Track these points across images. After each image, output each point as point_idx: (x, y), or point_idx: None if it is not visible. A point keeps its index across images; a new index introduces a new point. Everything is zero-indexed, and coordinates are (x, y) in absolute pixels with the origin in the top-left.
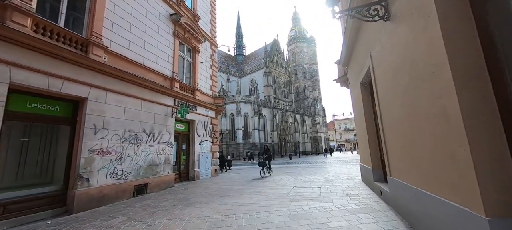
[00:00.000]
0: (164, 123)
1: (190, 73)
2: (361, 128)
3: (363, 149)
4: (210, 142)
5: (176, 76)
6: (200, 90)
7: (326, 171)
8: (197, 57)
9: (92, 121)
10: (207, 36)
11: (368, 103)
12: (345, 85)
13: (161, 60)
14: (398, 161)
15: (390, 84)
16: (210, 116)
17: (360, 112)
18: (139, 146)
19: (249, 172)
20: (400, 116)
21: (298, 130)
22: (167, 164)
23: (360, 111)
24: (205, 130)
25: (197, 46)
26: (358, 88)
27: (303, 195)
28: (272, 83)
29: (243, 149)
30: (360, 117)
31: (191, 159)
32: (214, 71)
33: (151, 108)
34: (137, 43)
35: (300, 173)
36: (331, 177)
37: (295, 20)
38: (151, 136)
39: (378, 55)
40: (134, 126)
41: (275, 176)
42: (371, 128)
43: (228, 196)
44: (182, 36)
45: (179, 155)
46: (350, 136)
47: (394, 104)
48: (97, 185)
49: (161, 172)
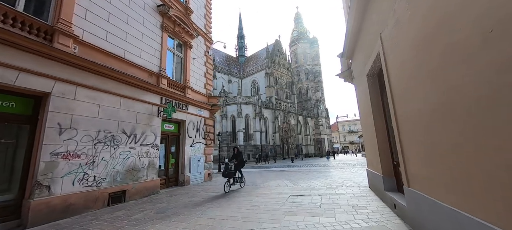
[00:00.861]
0: (148, 122)
1: (181, 69)
2: (368, 127)
3: (371, 151)
4: (203, 143)
5: (164, 72)
6: (192, 88)
7: (329, 176)
8: (189, 53)
9: (57, 120)
10: (201, 32)
11: (376, 97)
12: (349, 80)
13: (146, 54)
14: (421, 168)
15: (409, 67)
16: (203, 116)
17: (366, 109)
18: (117, 148)
19: (247, 176)
20: (426, 107)
21: (300, 132)
22: (152, 168)
23: (367, 107)
24: (198, 131)
25: (189, 42)
26: (364, 81)
27: (300, 207)
28: (274, 84)
29: (244, 151)
30: (367, 115)
31: (181, 163)
32: (208, 68)
33: (133, 107)
34: (117, 34)
35: (301, 177)
36: (334, 183)
37: (298, 20)
38: (132, 137)
39: (391, 34)
40: (111, 125)
41: (272, 181)
42: (381, 126)
43: (213, 207)
44: (172, 30)
45: (167, 158)
46: (354, 138)
47: (416, 93)
48: (61, 193)
49: (144, 177)
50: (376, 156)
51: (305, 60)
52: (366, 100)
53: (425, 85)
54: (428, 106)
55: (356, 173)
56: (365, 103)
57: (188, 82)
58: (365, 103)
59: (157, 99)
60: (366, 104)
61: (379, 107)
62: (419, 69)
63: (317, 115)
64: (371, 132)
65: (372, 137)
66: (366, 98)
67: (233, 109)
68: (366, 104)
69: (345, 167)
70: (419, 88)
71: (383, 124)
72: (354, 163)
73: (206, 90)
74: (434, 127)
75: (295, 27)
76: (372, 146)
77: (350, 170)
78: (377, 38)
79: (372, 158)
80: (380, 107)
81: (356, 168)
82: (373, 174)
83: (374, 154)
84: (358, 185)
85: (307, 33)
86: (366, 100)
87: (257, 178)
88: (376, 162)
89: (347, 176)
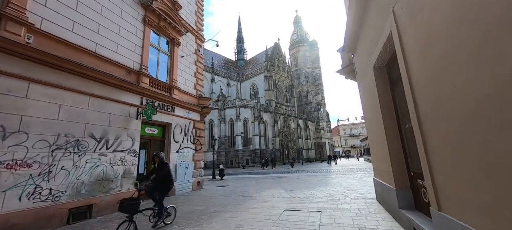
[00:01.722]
0: (125, 125)
1: (168, 68)
2: (376, 129)
3: (379, 158)
4: (192, 149)
5: (145, 70)
6: (180, 89)
7: (330, 184)
8: (176, 50)
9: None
10: (191, 29)
11: (385, 92)
12: (351, 77)
13: (123, 49)
14: (461, 186)
15: (443, 41)
16: (192, 119)
17: (373, 107)
18: (83, 155)
19: (241, 183)
20: (474, 98)
21: (301, 136)
22: (128, 178)
23: (374, 106)
24: (186, 135)
25: (176, 38)
26: (369, 75)
27: (294, 228)
28: (273, 87)
29: (243, 156)
30: (374, 114)
31: None
32: (199, 68)
33: (105, 107)
34: (87, 25)
35: (299, 186)
36: (336, 194)
37: (297, 24)
38: (104, 142)
39: (410, 6)
40: (75, 129)
41: (265, 190)
42: (392, 128)
43: (191, 225)
44: (156, 25)
45: (148, 165)
46: (355, 142)
47: (455, 77)
48: (1, 212)
49: (117, 188)
50: (386, 164)
51: (305, 63)
52: (372, 97)
53: (477, 64)
54: (476, 96)
55: (360, 180)
56: (371, 101)
57: (175, 82)
58: (371, 101)
59: (136, 100)
60: (373, 102)
61: (389, 104)
62: (456, 48)
63: (318, 119)
64: (379, 135)
65: (381, 141)
66: (373, 94)
67: (231, 113)
68: (373, 102)
69: (347, 173)
70: (461, 69)
71: (394, 125)
72: (356, 168)
73: (197, 91)
74: (487, 126)
75: (294, 30)
76: (380, 151)
77: (353, 176)
78: (388, 14)
79: (380, 166)
80: (390, 104)
81: (359, 174)
82: (382, 186)
83: (383, 161)
84: (363, 197)
85: (306, 36)
86: (373, 97)
87: (250, 186)
88: (386, 172)
89: (350, 185)
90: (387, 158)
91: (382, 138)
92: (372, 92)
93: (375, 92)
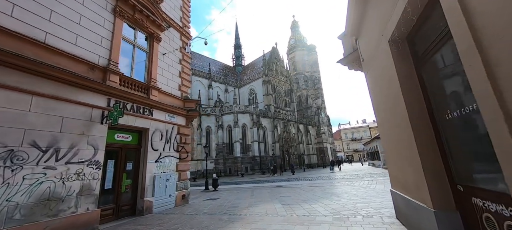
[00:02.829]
0: (84, 131)
1: (146, 66)
2: (394, 123)
3: (400, 163)
4: (175, 158)
5: (115, 66)
6: (160, 89)
7: (335, 194)
8: (156, 47)
9: None
10: (175, 24)
11: (408, 72)
12: (356, 66)
13: (85, 42)
14: None
15: None
16: (176, 123)
17: (389, 95)
18: (18, 169)
19: (234, 196)
20: None
21: (302, 141)
22: (87, 195)
23: (390, 93)
24: (168, 142)
25: (156, 33)
26: (383, 54)
27: None
28: (272, 92)
29: (242, 163)
30: (391, 104)
31: (141, 184)
32: (185, 67)
33: (57, 109)
34: (33, 10)
35: (299, 198)
36: (344, 209)
37: (294, 28)
38: (52, 152)
39: None
40: (9, 136)
41: (259, 205)
42: (421, 120)
43: None
44: (131, 17)
45: (118, 179)
46: (358, 146)
47: None
48: None
49: (70, 209)
50: (413, 173)
51: (303, 67)
52: (387, 84)
53: None
54: None
55: (367, 188)
56: (385, 89)
57: (154, 81)
58: (386, 88)
59: (101, 101)
60: (389, 90)
61: (414, 89)
62: None
63: (319, 123)
64: (400, 132)
65: (403, 141)
66: (388, 80)
67: (229, 119)
68: (389, 90)
69: (352, 179)
70: None
71: (425, 117)
72: (362, 174)
73: (182, 93)
74: None
75: (292, 35)
76: (401, 155)
77: (359, 184)
78: None
79: (402, 175)
80: (416, 89)
81: (366, 180)
82: (407, 202)
83: (407, 168)
84: (378, 214)
85: (304, 41)
86: (388, 84)
87: (243, 199)
88: (414, 183)
89: (359, 195)
90: (415, 164)
91: (405, 136)
92: (387, 77)
93: (392, 76)
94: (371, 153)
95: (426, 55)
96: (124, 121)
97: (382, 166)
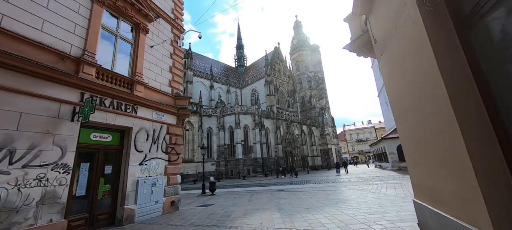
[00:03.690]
0: (49, 129)
1: (130, 59)
2: (421, 114)
3: (430, 166)
4: (164, 160)
5: (91, 57)
6: (146, 85)
7: (342, 201)
8: (143, 38)
9: None
10: (165, 15)
11: (449, 42)
12: (366, 50)
13: (54, 28)
14: None
15: None
16: (165, 122)
17: (416, 77)
18: None
19: (230, 201)
20: None
21: (305, 142)
22: (50, 204)
23: (421, 73)
24: (155, 143)
25: (143, 24)
26: (411, 20)
27: None
28: (274, 92)
29: (244, 165)
30: (420, 88)
31: (121, 189)
32: (177, 62)
33: (12, 104)
34: None
35: (301, 205)
36: (353, 221)
37: (297, 28)
38: (5, 153)
39: None
40: None
41: (254, 215)
42: (472, 107)
43: None
44: (112, 4)
45: (93, 184)
46: (363, 147)
47: None
48: None
49: (27, 220)
50: (459, 181)
51: (306, 67)
52: (414, 63)
53: None
54: None
55: (377, 193)
56: (410, 70)
57: (139, 75)
58: (412, 69)
59: (72, 95)
60: (417, 71)
61: (460, 65)
62: None
63: (323, 124)
64: (438, 125)
65: (439, 137)
66: (417, 56)
67: (231, 120)
68: (417, 71)
69: (359, 183)
70: None
71: (478, 104)
72: (369, 177)
73: (173, 89)
74: None
75: (295, 35)
76: (436, 155)
77: (368, 188)
78: None
79: (436, 183)
80: (463, 65)
81: (374, 184)
82: (444, 221)
83: (447, 175)
84: (397, 228)
85: (307, 41)
86: (417, 61)
87: (239, 206)
88: (458, 195)
89: (369, 202)
90: (458, 168)
91: (443, 129)
92: (414, 53)
93: (422, 50)
94: (378, 155)
95: (476, 14)
96: (102, 118)
97: (391, 168)
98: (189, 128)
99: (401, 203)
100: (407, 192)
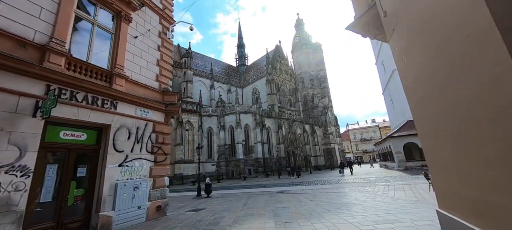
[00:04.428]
0: (3, 126)
1: (110, 50)
2: (454, 98)
3: (465, 169)
4: (149, 160)
5: (59, 44)
6: (128, 78)
7: (345, 205)
8: (125, 28)
9: None
10: (153, 5)
11: None
12: (374, 28)
13: (12, 10)
14: None
15: None
16: (150, 119)
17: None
18: None
19: (225, 205)
20: None
21: (308, 142)
22: (4, 214)
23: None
24: (139, 142)
25: (125, 12)
26: None
27: None
28: (276, 91)
29: (245, 165)
30: (453, 65)
31: (97, 194)
32: (164, 55)
33: None
34: None
35: (299, 210)
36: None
37: (299, 27)
38: None
39: None
40: None
41: (246, 222)
42: None
43: None
44: None
45: (63, 188)
46: (367, 147)
47: None
48: None
49: None
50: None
51: (309, 66)
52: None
53: None
54: None
55: (385, 196)
56: (439, 42)
57: (120, 68)
58: (444, 39)
59: (35, 88)
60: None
61: None
62: None
63: (325, 123)
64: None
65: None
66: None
67: (231, 119)
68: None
69: (364, 184)
70: None
71: None
72: (374, 178)
73: (160, 84)
74: None
75: (296, 33)
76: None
77: (374, 190)
78: None
79: (474, 192)
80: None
81: (381, 185)
82: None
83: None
84: None
85: (309, 39)
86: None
87: (232, 212)
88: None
89: (377, 207)
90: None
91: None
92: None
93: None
94: (383, 154)
95: None
96: (73, 114)
97: (397, 168)
98: (189, 128)
99: (413, 208)
100: (418, 195)
